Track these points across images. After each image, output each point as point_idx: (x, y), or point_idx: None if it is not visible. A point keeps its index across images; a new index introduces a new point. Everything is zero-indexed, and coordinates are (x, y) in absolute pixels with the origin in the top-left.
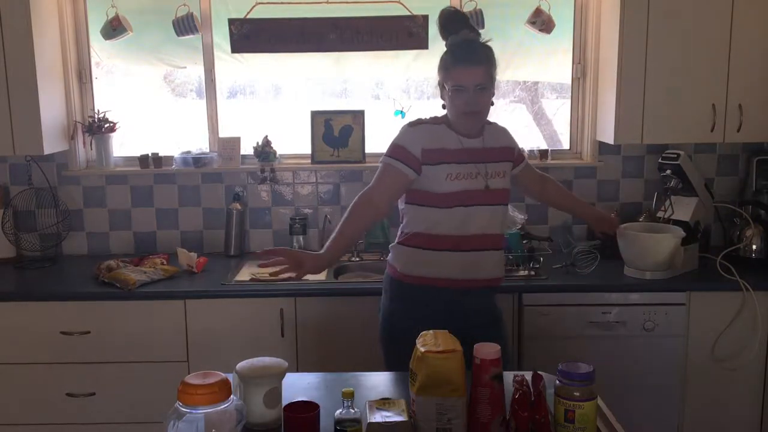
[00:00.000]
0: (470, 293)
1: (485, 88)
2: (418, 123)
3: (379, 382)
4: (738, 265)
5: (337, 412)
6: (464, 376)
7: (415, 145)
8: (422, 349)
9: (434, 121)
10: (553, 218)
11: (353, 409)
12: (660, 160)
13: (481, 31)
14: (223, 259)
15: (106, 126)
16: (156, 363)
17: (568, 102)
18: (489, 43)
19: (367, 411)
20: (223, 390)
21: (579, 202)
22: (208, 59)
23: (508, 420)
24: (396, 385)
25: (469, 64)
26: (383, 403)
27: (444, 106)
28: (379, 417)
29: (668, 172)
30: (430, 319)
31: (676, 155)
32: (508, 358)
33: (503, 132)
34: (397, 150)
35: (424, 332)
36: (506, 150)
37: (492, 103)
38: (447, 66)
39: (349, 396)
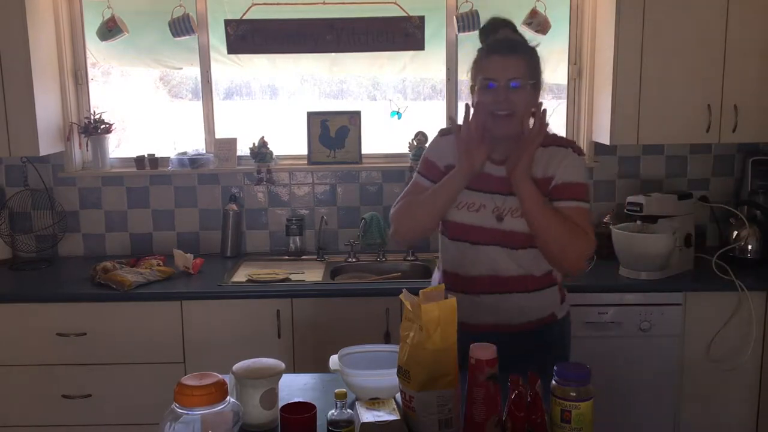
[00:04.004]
0: (493, 339)
1: (522, 87)
2: (449, 132)
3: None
4: (733, 266)
5: (330, 413)
6: (457, 365)
7: (443, 158)
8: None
9: None
10: None
11: (346, 410)
12: None
13: (476, 32)
14: (219, 261)
15: (102, 127)
16: (152, 364)
17: (564, 103)
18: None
19: (358, 411)
20: (219, 391)
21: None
22: (204, 60)
23: (504, 420)
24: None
25: (504, 54)
26: (373, 403)
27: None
28: (371, 417)
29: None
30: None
31: None
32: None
33: (556, 158)
34: (423, 163)
35: (405, 326)
36: (542, 182)
37: (542, 113)
38: (478, 59)
39: (342, 397)
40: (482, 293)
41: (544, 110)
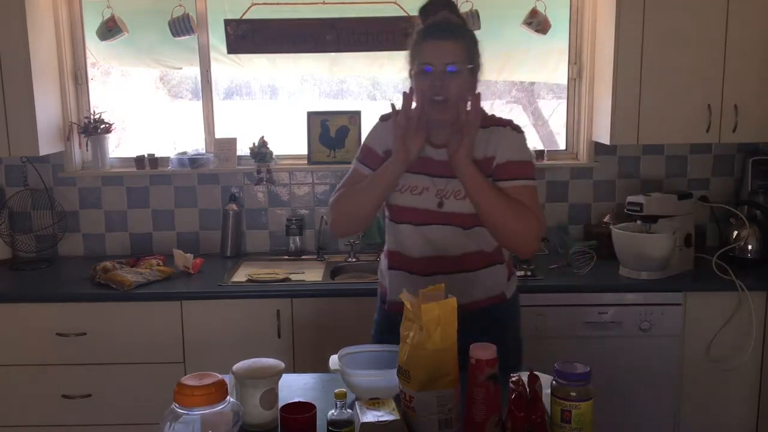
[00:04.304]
0: None
1: (459, 72)
2: (389, 117)
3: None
4: (733, 266)
5: (330, 413)
6: (457, 365)
7: (381, 144)
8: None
9: None
10: (549, 219)
11: (346, 410)
12: None
13: (476, 31)
14: (219, 260)
15: (101, 127)
16: (152, 364)
17: (564, 102)
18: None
19: (358, 411)
20: (219, 391)
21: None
22: (204, 60)
23: (504, 420)
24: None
25: (440, 38)
26: (373, 404)
27: None
28: (371, 417)
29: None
30: None
31: None
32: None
33: (495, 137)
34: (363, 150)
35: (405, 326)
36: (483, 163)
37: (473, 99)
38: (415, 43)
39: (342, 397)
40: (429, 274)
41: (479, 93)
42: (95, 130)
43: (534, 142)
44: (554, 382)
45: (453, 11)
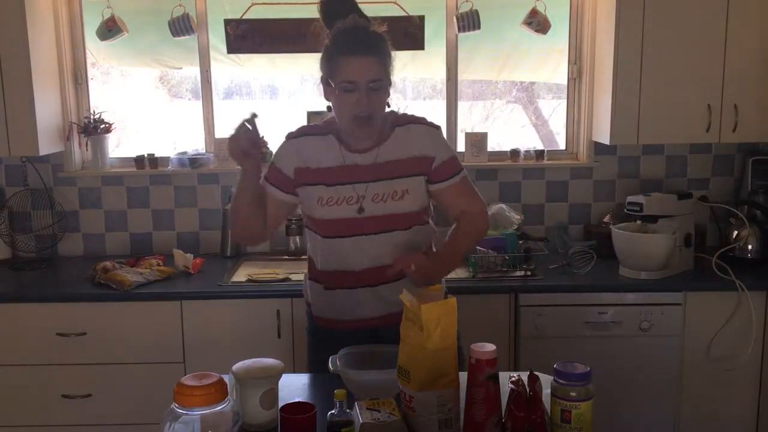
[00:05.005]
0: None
1: (381, 87)
2: (298, 134)
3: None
4: (733, 265)
5: (330, 413)
6: (457, 365)
7: (289, 163)
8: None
9: (320, 130)
10: (549, 219)
11: (346, 410)
12: None
13: (476, 32)
14: (219, 260)
15: (101, 127)
16: (152, 364)
17: (564, 102)
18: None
19: (358, 411)
20: (219, 391)
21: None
22: (204, 60)
23: (504, 420)
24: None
25: (361, 53)
26: (373, 403)
27: (330, 108)
28: (371, 417)
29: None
30: None
31: None
32: None
33: (424, 136)
34: (271, 170)
35: (405, 326)
36: (417, 161)
37: (388, 105)
38: (333, 57)
39: (342, 397)
40: (375, 284)
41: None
42: (95, 130)
43: (534, 142)
44: (554, 382)
45: (361, 14)
